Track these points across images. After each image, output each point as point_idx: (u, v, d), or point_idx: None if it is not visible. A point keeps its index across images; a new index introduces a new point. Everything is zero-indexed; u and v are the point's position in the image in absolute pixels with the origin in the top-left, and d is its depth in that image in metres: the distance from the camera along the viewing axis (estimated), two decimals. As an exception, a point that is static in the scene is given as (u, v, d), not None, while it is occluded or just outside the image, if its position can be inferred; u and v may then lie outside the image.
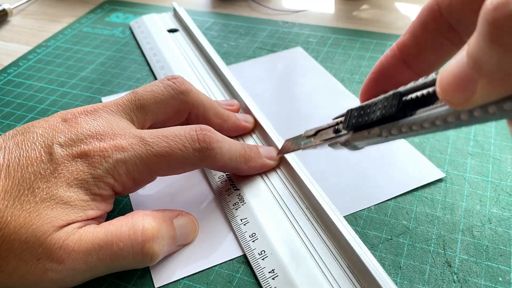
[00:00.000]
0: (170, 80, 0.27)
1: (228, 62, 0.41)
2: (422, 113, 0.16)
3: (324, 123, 0.23)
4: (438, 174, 0.28)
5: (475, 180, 0.27)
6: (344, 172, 0.28)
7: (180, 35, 0.44)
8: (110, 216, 0.23)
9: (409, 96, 0.17)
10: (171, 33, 0.45)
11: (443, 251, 0.23)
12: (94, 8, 0.54)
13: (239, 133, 0.31)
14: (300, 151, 0.25)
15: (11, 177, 0.21)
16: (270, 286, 0.22)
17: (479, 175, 0.28)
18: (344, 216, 0.25)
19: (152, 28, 0.46)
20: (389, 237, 0.24)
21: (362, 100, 0.20)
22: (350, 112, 0.19)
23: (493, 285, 0.22)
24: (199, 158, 0.24)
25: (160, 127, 0.25)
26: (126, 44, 0.45)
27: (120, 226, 0.21)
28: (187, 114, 0.28)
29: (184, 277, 0.23)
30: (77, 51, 0.45)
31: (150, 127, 0.27)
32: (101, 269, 0.21)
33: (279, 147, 0.28)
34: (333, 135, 0.21)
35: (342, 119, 0.20)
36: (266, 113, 0.32)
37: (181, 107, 0.27)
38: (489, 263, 0.23)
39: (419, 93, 0.16)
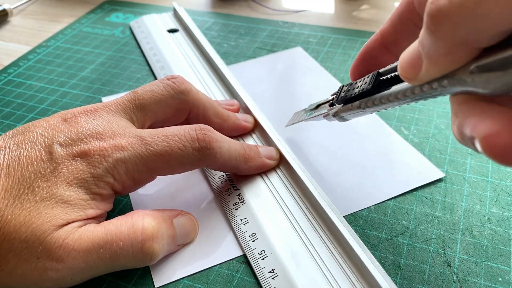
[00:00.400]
0: (170, 79, 0.27)
1: (228, 62, 0.41)
2: (392, 89, 0.19)
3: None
4: (438, 174, 0.28)
5: (475, 180, 0.27)
6: (344, 172, 0.28)
7: (180, 35, 0.44)
8: (110, 215, 0.23)
9: (386, 76, 0.20)
10: (171, 33, 0.45)
11: (443, 251, 0.23)
12: (94, 8, 0.54)
13: (239, 133, 0.31)
14: (304, 122, 0.28)
15: (11, 176, 0.21)
16: (270, 286, 0.22)
17: (479, 175, 0.28)
18: (344, 216, 0.25)
19: (152, 28, 0.46)
20: (389, 237, 0.24)
21: (352, 78, 0.24)
22: (341, 88, 0.23)
23: (493, 285, 0.22)
24: (198, 157, 0.24)
25: (160, 127, 0.25)
26: (126, 44, 0.45)
27: (120, 225, 0.21)
28: (187, 113, 0.28)
29: (184, 277, 0.23)
30: (77, 51, 0.45)
31: (150, 127, 0.27)
32: (101, 268, 0.21)
33: (279, 147, 0.28)
34: (327, 107, 0.25)
35: (339, 88, 0.24)
36: (266, 113, 0.32)
37: (181, 107, 0.27)
38: (489, 263, 0.23)
39: (393, 74, 0.20)
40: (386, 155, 0.29)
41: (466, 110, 0.15)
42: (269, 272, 0.22)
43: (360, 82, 0.21)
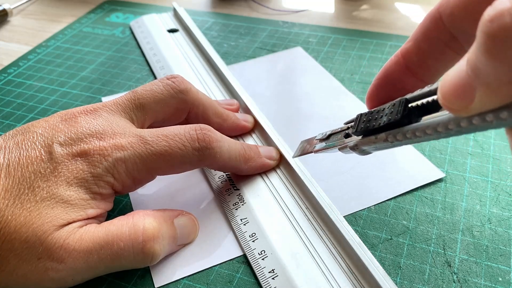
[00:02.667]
0: (170, 79, 0.27)
1: (228, 62, 0.41)
2: (426, 120, 0.16)
3: (336, 127, 0.23)
4: (438, 174, 0.28)
5: (475, 180, 0.27)
6: (344, 172, 0.28)
7: (180, 35, 0.44)
8: (110, 216, 0.23)
9: (415, 103, 0.17)
10: (171, 33, 0.45)
11: (443, 251, 0.23)
12: (94, 8, 0.54)
13: (238, 133, 0.31)
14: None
15: (11, 176, 0.21)
16: (270, 286, 0.22)
17: (479, 175, 0.28)
18: (344, 216, 0.25)
19: (152, 28, 0.46)
20: (389, 237, 0.24)
21: (369, 105, 0.21)
22: (359, 117, 0.20)
23: (493, 285, 0.22)
24: (198, 157, 0.24)
25: (159, 127, 0.25)
26: (126, 44, 0.45)
27: (121, 225, 0.21)
28: (187, 113, 0.28)
29: (184, 277, 0.23)
30: (77, 51, 0.45)
31: (150, 127, 0.27)
32: (102, 268, 0.21)
33: (279, 147, 0.28)
34: (343, 139, 0.21)
35: (352, 124, 0.21)
36: (266, 113, 0.32)
37: (181, 106, 0.27)
38: (489, 263, 0.23)
39: (424, 100, 0.17)
40: (386, 155, 0.29)
41: None
42: (269, 272, 0.22)
43: (383, 111, 0.19)
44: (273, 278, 0.22)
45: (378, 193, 0.27)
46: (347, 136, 0.21)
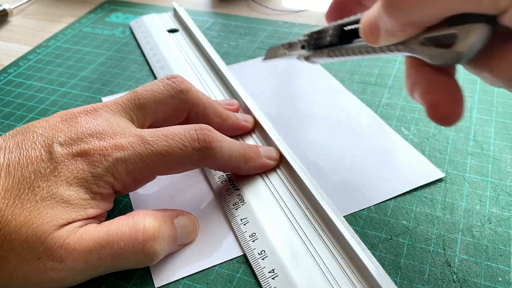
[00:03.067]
0: (170, 79, 0.27)
1: (228, 62, 0.41)
2: (355, 43, 0.21)
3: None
4: (438, 174, 0.28)
5: (475, 180, 0.27)
6: (344, 172, 0.28)
7: (180, 35, 0.44)
8: (110, 216, 0.23)
9: (350, 27, 0.21)
10: (171, 33, 0.45)
11: (442, 251, 0.23)
12: (94, 8, 0.54)
13: (238, 133, 0.31)
14: None
15: (11, 176, 0.21)
16: (270, 286, 0.22)
17: (479, 175, 0.28)
18: (344, 216, 0.25)
19: (152, 28, 0.46)
20: (389, 237, 0.24)
21: (328, 21, 0.25)
22: (312, 35, 0.25)
23: (493, 285, 0.22)
24: (198, 157, 0.24)
25: (160, 127, 0.25)
26: (126, 44, 0.45)
27: (121, 225, 0.21)
28: (187, 113, 0.28)
29: (184, 277, 0.23)
30: (77, 51, 0.45)
31: (150, 127, 0.27)
32: (102, 268, 0.21)
33: (279, 147, 0.28)
34: (300, 50, 0.26)
35: (306, 38, 0.25)
36: (266, 113, 0.32)
37: (181, 106, 0.27)
38: (489, 263, 0.23)
39: (355, 26, 0.21)
40: (386, 155, 0.29)
41: (416, 75, 0.18)
42: (269, 272, 0.22)
43: (327, 31, 0.23)
44: (273, 278, 0.22)
45: (378, 193, 0.27)
46: (303, 47, 0.26)
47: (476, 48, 0.15)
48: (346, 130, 0.32)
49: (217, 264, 0.24)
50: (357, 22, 0.21)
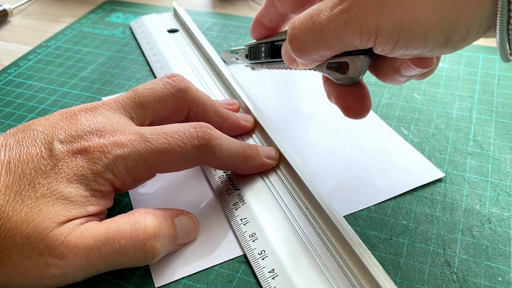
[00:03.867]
0: (170, 78, 0.27)
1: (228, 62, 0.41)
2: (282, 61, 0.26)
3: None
4: (437, 174, 0.28)
5: (475, 180, 0.27)
6: (344, 172, 0.28)
7: (180, 35, 0.44)
8: (110, 216, 0.23)
9: (280, 43, 0.27)
10: (171, 33, 0.45)
11: (442, 251, 0.23)
12: (94, 8, 0.54)
13: (238, 133, 0.31)
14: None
15: (11, 172, 0.21)
16: (270, 286, 0.22)
17: (479, 175, 0.28)
18: (344, 216, 0.25)
19: (152, 28, 0.46)
20: (389, 237, 0.24)
21: (252, 34, 0.30)
22: (250, 49, 0.30)
23: (493, 285, 0.22)
24: (198, 155, 0.24)
25: (159, 125, 0.25)
26: (126, 44, 0.45)
27: (122, 223, 0.22)
28: (186, 112, 0.28)
29: (184, 277, 0.23)
30: (77, 51, 0.45)
31: (149, 125, 0.27)
32: (103, 266, 0.21)
33: (279, 147, 0.28)
34: (245, 59, 0.31)
35: (248, 48, 0.31)
36: (266, 113, 0.32)
37: (180, 105, 0.27)
38: (489, 263, 0.23)
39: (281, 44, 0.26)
40: (386, 155, 0.29)
41: (328, 87, 0.24)
42: (269, 272, 0.22)
43: (262, 47, 0.29)
44: (273, 278, 0.22)
45: (378, 193, 0.27)
46: (246, 57, 0.31)
47: (362, 72, 0.21)
48: (346, 130, 0.32)
49: (217, 264, 0.24)
50: (282, 40, 0.27)
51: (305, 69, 0.24)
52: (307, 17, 0.20)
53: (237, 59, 0.33)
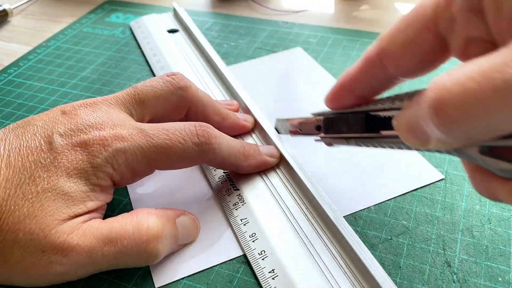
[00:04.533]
0: (170, 76, 0.27)
1: (228, 62, 0.41)
2: (383, 135, 0.19)
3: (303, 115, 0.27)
4: (437, 175, 0.28)
5: (475, 180, 0.27)
6: (344, 172, 0.28)
7: (180, 36, 0.44)
8: (110, 216, 0.23)
9: (374, 113, 0.20)
10: (171, 34, 0.45)
11: (442, 251, 0.23)
12: (94, 8, 0.54)
13: (238, 132, 0.31)
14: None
15: (11, 166, 0.21)
16: (270, 286, 0.22)
17: (479, 175, 0.28)
18: (344, 216, 0.25)
19: (152, 29, 0.46)
20: (389, 237, 0.24)
21: (329, 105, 0.23)
22: (327, 120, 0.24)
23: (493, 285, 0.22)
24: (198, 152, 0.24)
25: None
26: (126, 45, 0.45)
27: (125, 224, 0.22)
28: (186, 110, 0.28)
29: (185, 277, 0.23)
30: (77, 51, 0.45)
31: (149, 123, 0.27)
32: (105, 265, 0.21)
33: (279, 147, 0.28)
34: (315, 131, 0.25)
35: (321, 118, 0.24)
36: (266, 113, 0.32)
37: (180, 103, 0.27)
38: (489, 263, 0.23)
39: (383, 115, 0.19)
40: (386, 156, 0.29)
41: (482, 181, 0.16)
42: (269, 272, 0.22)
43: (347, 118, 0.21)
44: (273, 278, 0.22)
45: (378, 193, 0.27)
46: (318, 128, 0.25)
47: None
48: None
49: (217, 264, 0.24)
50: (383, 109, 0.19)
51: (435, 151, 0.16)
52: (471, 74, 0.12)
53: (300, 130, 0.26)
